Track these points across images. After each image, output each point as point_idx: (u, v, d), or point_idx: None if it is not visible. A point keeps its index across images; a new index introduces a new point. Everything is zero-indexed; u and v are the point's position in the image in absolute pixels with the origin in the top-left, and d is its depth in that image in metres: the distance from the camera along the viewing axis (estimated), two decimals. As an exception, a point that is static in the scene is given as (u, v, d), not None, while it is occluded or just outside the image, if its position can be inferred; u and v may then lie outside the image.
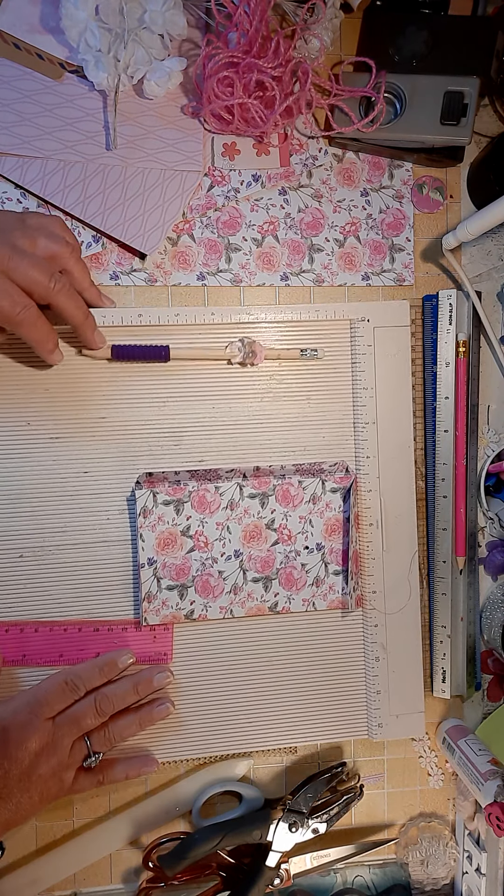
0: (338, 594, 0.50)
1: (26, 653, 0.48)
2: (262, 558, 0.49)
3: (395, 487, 0.51)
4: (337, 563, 0.50)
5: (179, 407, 0.49)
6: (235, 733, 0.50)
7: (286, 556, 0.50)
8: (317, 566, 0.50)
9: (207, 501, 0.48)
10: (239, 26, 0.47)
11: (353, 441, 0.51)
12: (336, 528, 0.50)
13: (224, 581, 0.49)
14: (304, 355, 0.50)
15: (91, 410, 0.48)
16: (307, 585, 0.50)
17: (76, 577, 0.49)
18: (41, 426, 0.48)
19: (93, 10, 0.46)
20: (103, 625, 0.49)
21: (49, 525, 0.48)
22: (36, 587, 0.48)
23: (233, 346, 0.49)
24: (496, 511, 0.55)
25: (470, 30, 0.51)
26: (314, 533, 0.50)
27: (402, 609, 0.51)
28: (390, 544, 0.51)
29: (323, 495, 0.50)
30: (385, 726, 0.51)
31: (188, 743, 0.50)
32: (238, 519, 0.49)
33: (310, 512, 0.50)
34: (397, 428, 0.51)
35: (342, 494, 0.50)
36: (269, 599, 0.49)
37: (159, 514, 0.48)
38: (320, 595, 0.50)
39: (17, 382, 0.48)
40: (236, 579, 0.49)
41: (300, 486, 0.49)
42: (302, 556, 0.50)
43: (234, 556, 0.49)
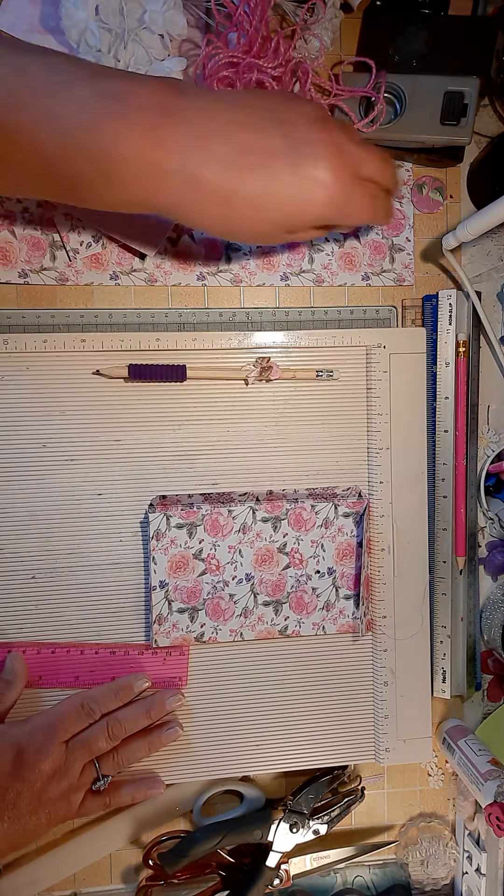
0: (348, 618, 0.50)
1: (42, 674, 0.48)
2: (274, 582, 0.49)
3: (408, 513, 0.51)
4: (348, 587, 0.50)
5: (194, 429, 0.49)
6: (242, 756, 0.50)
7: (297, 580, 0.50)
8: (328, 590, 0.50)
9: (220, 525, 0.48)
10: (239, 26, 0.47)
11: (367, 466, 0.51)
12: (348, 553, 0.50)
13: (235, 604, 0.49)
14: (319, 376, 0.50)
15: (106, 433, 0.48)
16: (317, 609, 0.50)
17: (89, 598, 0.49)
18: (57, 448, 0.48)
19: (93, 10, 0.46)
20: (119, 648, 0.49)
21: (62, 546, 0.48)
22: (48, 608, 0.48)
23: (248, 364, 0.49)
24: (496, 511, 0.55)
25: (470, 30, 0.51)
26: (326, 557, 0.50)
27: (412, 635, 0.51)
28: (402, 570, 0.51)
29: (335, 520, 0.50)
30: (392, 751, 0.51)
31: (195, 765, 0.50)
32: (250, 542, 0.49)
33: (322, 536, 0.50)
34: (411, 454, 0.51)
35: (355, 519, 0.50)
36: (280, 623, 0.49)
37: (172, 536, 0.48)
38: (330, 619, 0.50)
39: (33, 405, 0.48)
40: (247, 603, 0.49)
41: (313, 511, 0.49)
42: (313, 581, 0.50)
43: (246, 580, 0.49)
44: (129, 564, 0.49)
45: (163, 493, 0.49)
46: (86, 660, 0.48)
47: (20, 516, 0.48)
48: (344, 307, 0.52)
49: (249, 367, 0.49)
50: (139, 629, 0.49)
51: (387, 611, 0.51)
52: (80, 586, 0.49)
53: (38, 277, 0.49)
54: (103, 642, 0.49)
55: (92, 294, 0.50)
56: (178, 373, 0.48)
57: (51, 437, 0.48)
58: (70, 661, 0.48)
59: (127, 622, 0.49)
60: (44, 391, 0.48)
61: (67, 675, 0.48)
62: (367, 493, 0.51)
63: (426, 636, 0.52)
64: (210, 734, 0.50)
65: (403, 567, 0.51)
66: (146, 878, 0.50)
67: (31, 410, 0.48)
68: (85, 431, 0.48)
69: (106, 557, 0.49)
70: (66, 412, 0.48)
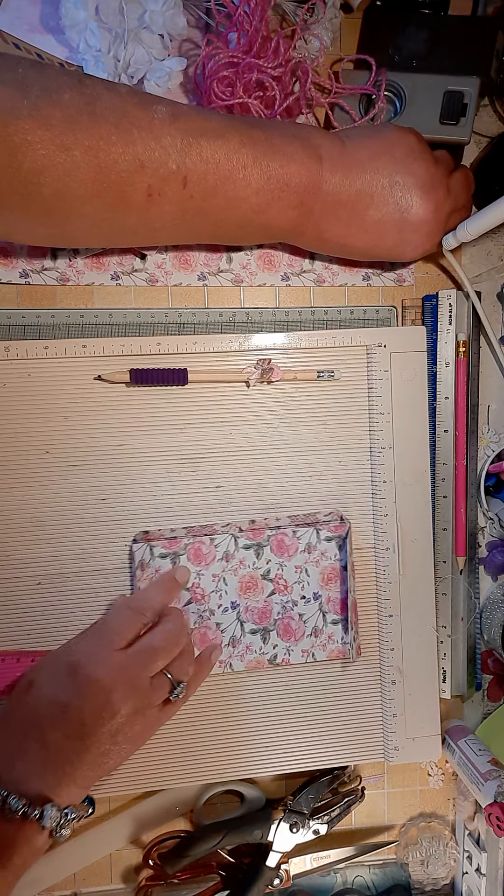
0: (337, 644, 0.50)
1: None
2: (260, 609, 0.49)
3: (413, 512, 0.51)
4: (335, 612, 0.50)
5: (196, 433, 0.49)
6: (250, 757, 0.50)
7: (283, 607, 0.49)
8: (315, 616, 0.50)
9: (203, 553, 0.48)
10: (239, 26, 0.47)
11: (370, 466, 0.51)
12: (333, 577, 0.50)
13: (222, 633, 0.49)
14: (320, 377, 0.50)
15: (109, 438, 0.48)
16: (306, 636, 0.50)
17: (94, 604, 0.49)
18: (60, 454, 0.48)
19: (93, 10, 0.46)
20: None
21: (67, 553, 0.48)
22: (54, 615, 0.48)
23: (249, 367, 0.49)
24: (496, 511, 0.55)
25: (470, 30, 0.51)
26: (310, 582, 0.50)
27: (419, 634, 0.51)
28: (407, 569, 0.51)
29: (318, 544, 0.50)
30: (401, 749, 0.51)
31: (201, 768, 0.49)
32: (234, 570, 0.49)
33: (305, 561, 0.50)
34: (414, 453, 0.51)
35: (337, 543, 0.50)
36: (268, 651, 0.49)
37: (156, 566, 0.48)
38: (319, 645, 0.50)
39: (36, 412, 0.48)
40: (234, 631, 0.49)
41: (294, 536, 0.49)
42: (299, 606, 0.50)
43: (231, 608, 0.49)
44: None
45: (146, 528, 0.49)
46: None
47: (25, 523, 0.48)
48: (344, 307, 0.52)
49: (251, 369, 0.49)
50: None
51: (393, 610, 0.51)
52: (85, 592, 0.48)
53: (39, 277, 0.49)
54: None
55: (92, 294, 0.50)
56: (179, 376, 0.48)
57: (54, 443, 0.48)
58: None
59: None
60: (46, 397, 0.48)
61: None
62: (372, 493, 0.51)
63: (433, 634, 0.51)
64: (217, 736, 0.50)
65: (409, 566, 0.51)
66: (146, 878, 0.50)
67: (34, 417, 0.48)
68: (88, 437, 0.48)
69: (111, 563, 0.49)
70: (68, 418, 0.48)
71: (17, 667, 0.47)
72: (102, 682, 0.39)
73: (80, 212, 0.39)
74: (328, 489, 0.51)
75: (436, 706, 0.52)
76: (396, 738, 0.51)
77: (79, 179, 0.37)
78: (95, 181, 0.38)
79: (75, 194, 0.38)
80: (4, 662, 0.47)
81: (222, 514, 0.50)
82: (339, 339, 0.50)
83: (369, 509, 0.51)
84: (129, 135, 0.38)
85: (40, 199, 0.38)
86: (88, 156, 0.37)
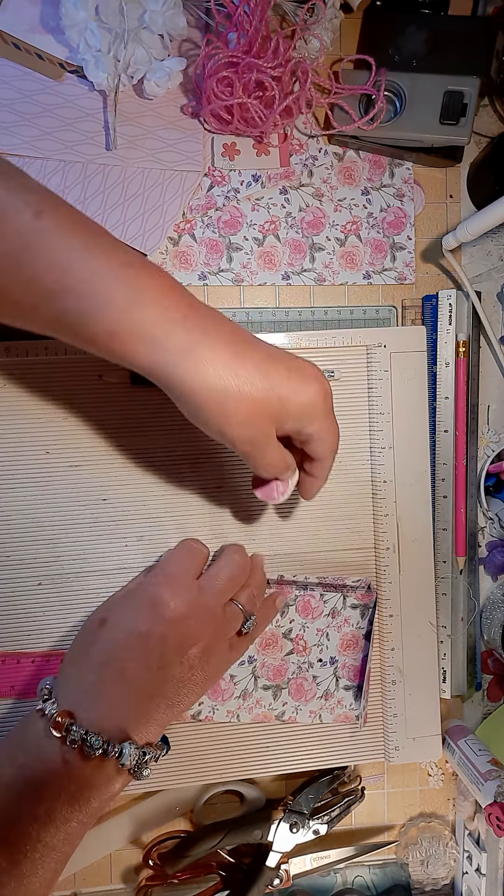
0: (345, 709, 0.50)
1: (15, 684, 0.47)
2: (276, 667, 0.49)
3: (413, 512, 0.51)
4: (349, 678, 0.50)
5: (198, 432, 0.49)
6: (252, 757, 0.50)
7: (299, 667, 0.50)
8: (328, 679, 0.50)
9: None
10: (239, 26, 0.47)
11: (370, 466, 0.51)
12: (352, 644, 0.50)
13: (234, 685, 0.49)
14: None
15: (110, 438, 0.48)
16: (316, 697, 0.50)
17: (95, 604, 0.48)
18: (60, 454, 0.48)
19: (93, 10, 0.46)
20: None
21: (68, 553, 0.48)
22: (55, 616, 0.48)
23: None
24: (496, 511, 0.55)
25: (470, 30, 0.51)
26: (330, 646, 0.50)
27: (419, 634, 0.51)
28: (406, 568, 0.51)
29: (343, 610, 0.50)
30: (402, 749, 0.51)
31: (204, 769, 0.49)
32: None
33: (328, 625, 0.50)
34: (414, 453, 0.51)
35: (362, 612, 0.50)
36: (277, 708, 0.49)
37: None
38: (328, 708, 0.50)
39: (36, 411, 0.47)
40: (247, 685, 0.49)
41: (321, 599, 0.49)
42: (314, 669, 0.50)
43: (248, 662, 0.49)
44: (135, 569, 0.49)
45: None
46: (52, 668, 0.48)
47: (25, 523, 0.48)
48: (344, 307, 0.52)
49: None
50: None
51: (393, 609, 0.51)
52: (86, 592, 0.48)
53: (38, 277, 0.49)
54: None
55: (92, 294, 0.50)
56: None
57: (54, 443, 0.48)
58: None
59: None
60: (46, 397, 0.47)
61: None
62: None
63: (433, 634, 0.51)
64: (219, 736, 0.50)
65: (409, 565, 0.51)
66: (146, 879, 0.50)
67: (34, 417, 0.47)
68: (88, 437, 0.48)
69: (112, 563, 0.49)
70: (68, 418, 0.48)
71: (17, 667, 0.47)
72: (180, 610, 0.39)
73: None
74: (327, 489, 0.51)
75: (436, 706, 0.52)
76: (397, 738, 0.51)
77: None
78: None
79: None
80: (4, 664, 0.47)
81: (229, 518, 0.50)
82: (340, 339, 0.50)
83: (369, 509, 0.51)
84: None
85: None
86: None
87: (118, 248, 0.33)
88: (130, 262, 0.33)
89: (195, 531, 0.49)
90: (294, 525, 0.50)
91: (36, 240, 0.31)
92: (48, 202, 0.32)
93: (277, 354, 0.36)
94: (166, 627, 0.39)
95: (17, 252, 0.31)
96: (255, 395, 0.34)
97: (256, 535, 0.50)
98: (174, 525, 0.49)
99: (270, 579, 0.49)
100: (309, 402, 0.36)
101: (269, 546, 0.50)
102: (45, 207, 0.32)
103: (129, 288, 0.32)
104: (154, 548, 0.49)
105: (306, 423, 0.37)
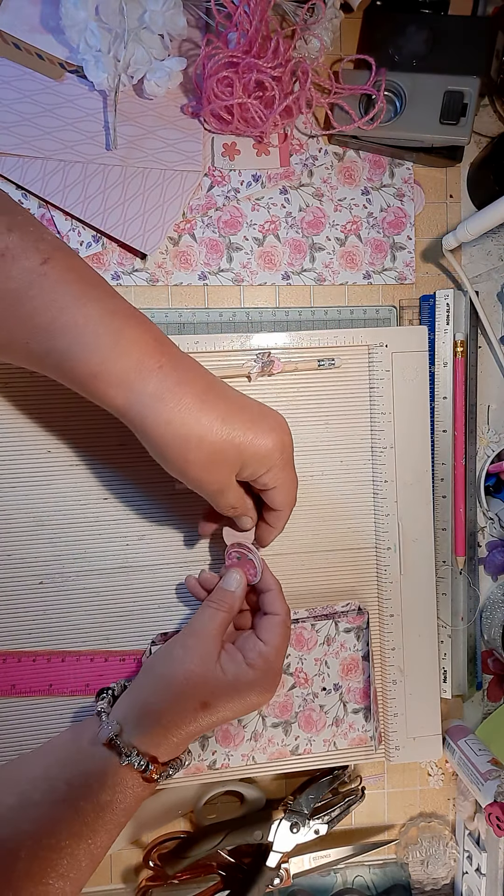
0: (358, 732, 0.50)
1: (52, 682, 0.48)
2: (281, 703, 0.49)
3: (414, 512, 0.51)
4: (356, 701, 0.50)
5: None
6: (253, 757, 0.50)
7: (304, 699, 0.49)
8: (335, 706, 0.50)
9: None
10: (239, 26, 0.47)
11: (371, 466, 0.51)
12: (353, 668, 0.50)
13: (244, 729, 0.49)
14: (321, 365, 0.50)
15: (111, 437, 0.48)
16: (327, 726, 0.50)
17: (96, 603, 0.48)
18: (61, 454, 0.48)
19: (93, 10, 0.46)
20: (129, 655, 0.48)
21: (69, 552, 0.48)
22: (56, 615, 0.48)
23: (250, 361, 0.49)
24: (496, 511, 0.55)
25: (470, 30, 0.51)
26: (331, 674, 0.50)
27: (420, 634, 0.51)
28: (408, 568, 0.51)
29: (337, 636, 0.50)
30: (402, 749, 0.51)
31: (204, 768, 0.49)
32: None
33: (325, 654, 0.49)
34: (415, 452, 0.51)
35: (356, 634, 0.50)
36: (290, 743, 0.49)
37: None
38: (341, 734, 0.50)
39: (37, 411, 0.47)
40: (255, 726, 0.49)
41: (314, 630, 0.49)
42: (320, 698, 0.49)
43: None
44: (136, 568, 0.49)
45: (164, 631, 0.49)
46: (95, 667, 0.48)
47: (26, 523, 0.48)
48: (344, 307, 0.52)
49: (251, 363, 0.49)
50: (148, 633, 0.49)
51: (394, 609, 0.51)
52: (87, 591, 0.48)
53: (39, 277, 0.49)
54: (112, 650, 0.49)
55: (92, 294, 0.50)
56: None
57: (55, 443, 0.48)
58: (80, 668, 0.48)
59: (136, 627, 0.49)
60: (47, 396, 0.47)
61: (77, 682, 0.48)
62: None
63: (434, 634, 0.52)
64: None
65: (410, 565, 0.51)
66: (146, 879, 0.50)
67: (35, 416, 0.47)
68: (89, 436, 0.48)
69: (113, 562, 0.49)
70: (69, 417, 0.48)
71: (17, 666, 0.47)
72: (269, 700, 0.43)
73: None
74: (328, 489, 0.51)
75: (437, 706, 0.52)
76: (397, 738, 0.51)
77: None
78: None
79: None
80: (5, 663, 0.47)
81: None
82: (341, 339, 0.50)
83: (370, 509, 0.51)
84: None
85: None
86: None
87: (110, 297, 0.36)
88: (116, 310, 0.36)
89: (195, 531, 0.49)
90: (295, 525, 0.50)
91: (39, 281, 0.35)
92: (56, 251, 0.36)
93: (244, 404, 0.39)
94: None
95: (22, 290, 0.34)
96: (214, 442, 0.37)
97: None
98: (175, 525, 0.49)
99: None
100: (264, 453, 0.38)
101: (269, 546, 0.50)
102: (53, 255, 0.35)
103: (112, 335, 0.35)
104: (155, 548, 0.49)
105: (261, 471, 0.39)
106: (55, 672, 0.48)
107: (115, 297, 0.37)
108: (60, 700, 0.48)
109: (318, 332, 0.50)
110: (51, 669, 0.48)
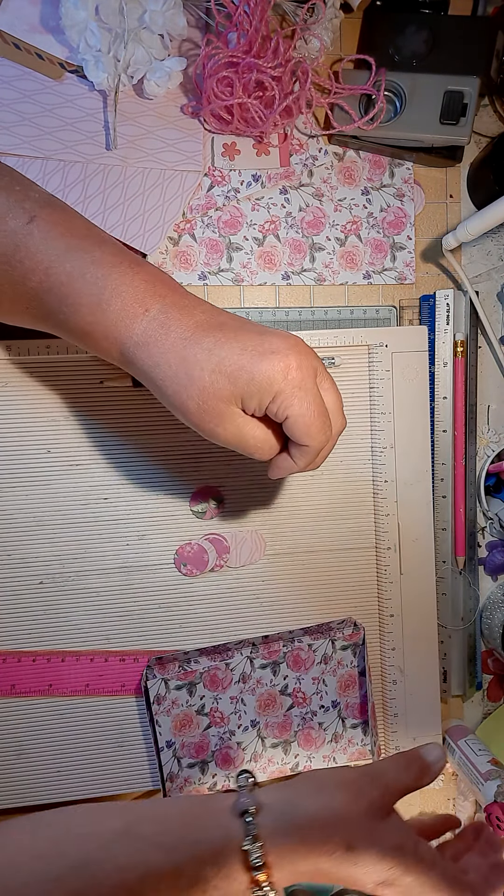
0: (357, 746, 0.50)
1: (52, 682, 0.48)
2: (279, 724, 0.49)
3: (414, 512, 0.51)
4: (354, 716, 0.50)
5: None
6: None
7: (303, 718, 0.50)
8: (334, 723, 0.50)
9: (219, 679, 0.48)
10: (239, 26, 0.47)
11: (371, 465, 0.51)
12: (350, 684, 0.50)
13: (243, 751, 0.49)
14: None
15: (111, 437, 0.48)
16: (326, 742, 0.50)
17: (96, 603, 0.48)
18: (61, 454, 0.48)
19: (93, 10, 0.46)
20: (129, 655, 0.49)
21: (69, 552, 0.48)
22: (56, 615, 0.48)
23: None
24: (496, 511, 0.55)
25: (470, 30, 0.51)
26: (329, 691, 0.50)
27: (419, 634, 0.51)
28: (407, 568, 0.51)
29: (334, 654, 0.50)
30: (402, 749, 0.51)
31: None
32: (251, 690, 0.49)
33: (322, 672, 0.50)
34: (415, 452, 0.51)
35: (353, 650, 0.50)
36: (290, 761, 0.50)
37: (173, 698, 0.48)
38: (340, 749, 0.50)
39: (37, 410, 0.47)
40: (255, 748, 0.49)
41: (310, 650, 0.49)
42: (318, 716, 0.50)
43: (252, 726, 0.49)
44: (136, 568, 0.49)
45: (159, 655, 0.48)
46: (95, 667, 0.48)
47: (26, 523, 0.48)
48: (344, 307, 0.52)
49: None
50: (148, 633, 0.49)
51: (394, 609, 0.51)
52: (87, 591, 0.48)
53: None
54: (112, 650, 0.49)
55: (92, 294, 0.50)
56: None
57: (55, 442, 0.48)
58: (80, 668, 0.48)
59: (135, 626, 0.49)
60: (47, 396, 0.47)
61: (77, 682, 0.48)
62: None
63: (434, 634, 0.52)
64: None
65: (410, 565, 0.51)
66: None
67: (36, 416, 0.47)
68: (89, 436, 0.48)
69: (113, 562, 0.49)
70: (70, 417, 0.48)
71: (17, 666, 0.47)
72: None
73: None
74: (328, 489, 0.51)
75: (437, 706, 0.52)
76: (398, 738, 0.51)
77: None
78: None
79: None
80: (5, 662, 0.47)
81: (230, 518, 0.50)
82: (341, 339, 0.50)
83: (370, 509, 0.51)
84: None
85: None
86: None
87: (97, 245, 0.34)
88: (101, 259, 0.34)
89: (196, 531, 0.49)
90: (295, 525, 0.50)
91: (25, 241, 0.33)
92: (44, 207, 0.34)
93: (242, 330, 0.35)
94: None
95: (10, 253, 0.33)
96: (202, 376, 0.34)
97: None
98: (175, 525, 0.49)
99: (255, 640, 0.49)
100: (261, 379, 0.34)
101: (270, 546, 0.50)
102: (39, 213, 0.33)
103: (95, 286, 0.33)
104: (155, 547, 0.49)
105: (266, 400, 0.34)
106: (55, 672, 0.48)
107: (104, 244, 0.34)
108: (60, 700, 0.48)
109: (318, 332, 0.50)
110: (51, 669, 0.48)
